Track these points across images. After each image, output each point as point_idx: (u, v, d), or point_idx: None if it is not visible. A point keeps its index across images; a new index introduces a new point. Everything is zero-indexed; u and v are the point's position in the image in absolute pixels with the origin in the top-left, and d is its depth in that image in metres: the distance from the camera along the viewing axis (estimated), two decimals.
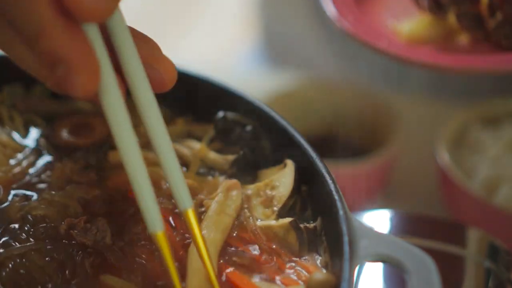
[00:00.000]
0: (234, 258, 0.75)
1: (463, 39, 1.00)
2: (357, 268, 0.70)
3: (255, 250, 0.76)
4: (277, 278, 0.74)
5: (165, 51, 0.76)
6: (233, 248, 0.76)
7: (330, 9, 1.02)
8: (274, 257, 0.76)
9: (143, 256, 0.75)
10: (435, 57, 0.95)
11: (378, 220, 0.98)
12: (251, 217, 0.79)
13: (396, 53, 0.96)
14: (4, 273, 0.73)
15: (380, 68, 1.59)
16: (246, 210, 0.80)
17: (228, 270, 0.74)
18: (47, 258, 0.74)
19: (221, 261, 0.75)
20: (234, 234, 0.77)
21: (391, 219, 0.98)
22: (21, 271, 0.73)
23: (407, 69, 1.56)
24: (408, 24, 1.03)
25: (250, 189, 0.82)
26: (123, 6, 0.65)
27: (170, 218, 0.79)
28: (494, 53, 0.95)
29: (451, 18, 0.99)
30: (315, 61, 1.66)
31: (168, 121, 0.93)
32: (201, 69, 0.94)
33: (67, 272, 0.74)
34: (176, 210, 0.79)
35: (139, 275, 0.74)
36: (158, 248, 0.69)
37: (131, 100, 0.95)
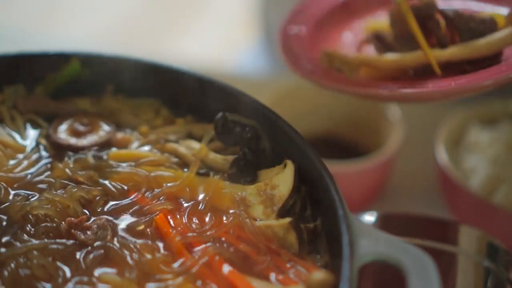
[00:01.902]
0: (233, 257, 0.76)
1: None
2: (356, 267, 0.70)
3: (254, 250, 0.77)
4: (277, 277, 0.74)
5: (166, 51, 0.77)
6: (232, 247, 0.77)
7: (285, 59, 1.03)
8: (274, 257, 0.76)
9: (144, 254, 0.76)
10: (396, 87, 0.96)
11: (378, 220, 0.98)
12: (247, 219, 0.79)
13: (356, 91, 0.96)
14: (6, 272, 0.73)
15: None
16: (243, 212, 0.80)
17: (227, 270, 0.74)
18: (48, 258, 0.75)
19: (220, 259, 0.75)
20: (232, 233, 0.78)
21: (391, 219, 0.98)
22: (23, 270, 0.73)
23: None
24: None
25: (250, 189, 0.83)
26: (124, 8, 0.66)
27: (170, 219, 0.79)
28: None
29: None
30: None
31: (168, 121, 0.93)
32: (201, 69, 0.95)
33: (68, 270, 0.74)
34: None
35: (140, 273, 0.74)
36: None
37: (132, 100, 0.96)
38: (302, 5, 1.12)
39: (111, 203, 0.81)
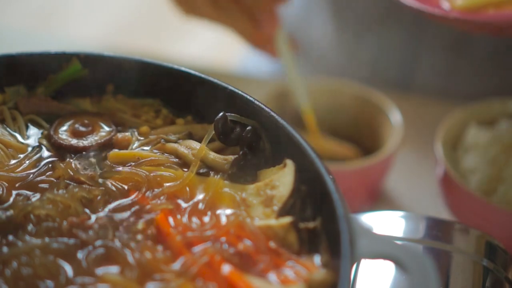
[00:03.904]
0: (233, 257, 0.76)
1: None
2: (356, 266, 0.71)
3: (254, 250, 0.77)
4: (277, 277, 0.75)
5: (166, 51, 0.77)
6: (232, 247, 0.77)
7: None
8: (274, 256, 0.76)
9: (145, 253, 0.76)
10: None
11: (378, 220, 0.98)
12: (248, 218, 0.79)
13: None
14: (8, 271, 0.74)
15: (381, 68, 1.59)
16: (243, 212, 0.80)
17: (227, 269, 0.74)
18: (50, 257, 0.75)
19: (220, 258, 0.75)
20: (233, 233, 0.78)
21: (390, 219, 0.99)
22: (25, 269, 0.74)
23: (407, 69, 1.57)
24: None
25: (250, 189, 0.83)
26: (125, 8, 0.66)
27: (170, 218, 0.80)
28: None
29: None
30: (316, 61, 1.67)
31: (169, 121, 0.94)
32: (202, 69, 0.95)
33: (70, 270, 0.74)
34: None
35: (140, 272, 0.74)
36: None
37: (132, 100, 0.96)
38: None
39: (112, 203, 0.82)
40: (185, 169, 0.86)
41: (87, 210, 0.80)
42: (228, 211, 0.81)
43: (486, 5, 1.05)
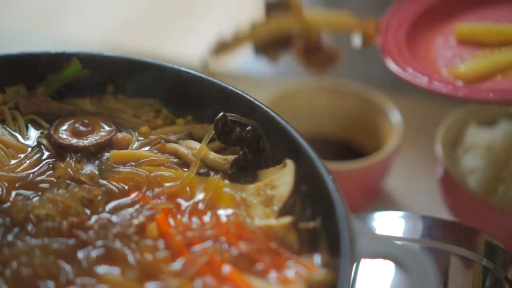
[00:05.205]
0: (233, 257, 0.76)
1: None
2: (356, 266, 0.71)
3: (254, 249, 0.77)
4: (277, 277, 0.75)
5: (166, 51, 0.77)
6: (232, 247, 0.77)
7: (392, 66, 1.12)
8: (274, 256, 0.76)
9: (145, 253, 0.76)
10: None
11: (377, 220, 0.98)
12: (248, 218, 0.79)
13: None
14: (8, 271, 0.74)
15: (381, 69, 1.59)
16: (243, 212, 0.80)
17: (227, 269, 0.74)
18: (50, 257, 0.75)
19: (220, 258, 0.75)
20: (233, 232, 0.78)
21: (390, 219, 0.99)
22: (25, 269, 0.74)
23: None
24: (464, 66, 1.09)
25: (250, 189, 0.83)
26: (125, 8, 0.66)
27: (170, 218, 0.80)
28: None
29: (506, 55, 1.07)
30: None
31: (169, 121, 0.94)
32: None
33: (70, 269, 0.74)
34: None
35: (140, 272, 0.74)
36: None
37: (132, 101, 0.96)
38: (396, 10, 1.19)
39: (112, 202, 0.82)
40: (185, 169, 0.86)
41: (87, 210, 0.81)
42: (228, 211, 0.81)
43: (493, 72, 1.05)
